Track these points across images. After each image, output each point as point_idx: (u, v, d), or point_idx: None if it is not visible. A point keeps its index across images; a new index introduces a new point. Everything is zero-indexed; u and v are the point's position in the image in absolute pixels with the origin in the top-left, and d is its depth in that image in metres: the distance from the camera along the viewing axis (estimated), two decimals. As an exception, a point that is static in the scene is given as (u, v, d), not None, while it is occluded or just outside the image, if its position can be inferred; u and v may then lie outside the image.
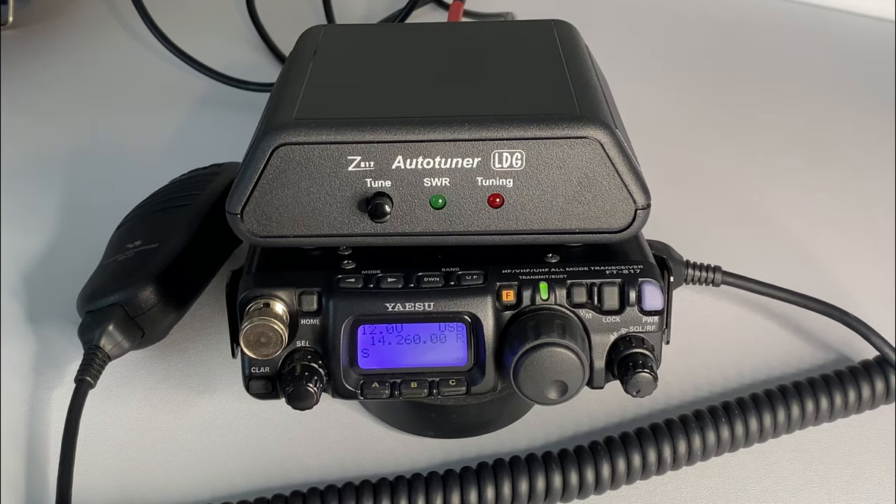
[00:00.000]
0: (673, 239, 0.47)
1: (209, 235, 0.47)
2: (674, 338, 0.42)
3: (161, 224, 0.47)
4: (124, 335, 0.43)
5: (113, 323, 0.43)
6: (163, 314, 0.44)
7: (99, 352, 0.43)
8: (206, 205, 0.48)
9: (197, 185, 0.50)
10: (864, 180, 0.60)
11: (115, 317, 0.43)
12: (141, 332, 0.44)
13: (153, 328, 0.44)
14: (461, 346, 0.38)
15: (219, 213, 0.47)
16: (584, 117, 0.37)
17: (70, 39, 0.76)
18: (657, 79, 0.71)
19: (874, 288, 0.52)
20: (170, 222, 0.47)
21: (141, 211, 0.49)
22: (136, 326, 0.43)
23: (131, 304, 0.43)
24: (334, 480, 0.41)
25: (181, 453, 0.44)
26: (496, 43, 0.45)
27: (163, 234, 0.45)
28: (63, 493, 0.39)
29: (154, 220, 0.48)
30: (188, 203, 0.48)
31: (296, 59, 0.44)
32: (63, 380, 0.46)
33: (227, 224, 0.48)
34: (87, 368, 0.42)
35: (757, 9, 0.81)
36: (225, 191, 0.48)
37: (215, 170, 0.51)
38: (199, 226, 0.47)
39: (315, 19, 0.77)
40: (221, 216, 0.47)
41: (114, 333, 0.43)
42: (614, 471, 0.41)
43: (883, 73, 0.72)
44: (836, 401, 0.43)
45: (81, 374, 0.42)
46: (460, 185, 0.37)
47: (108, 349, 0.43)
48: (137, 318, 0.43)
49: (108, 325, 0.43)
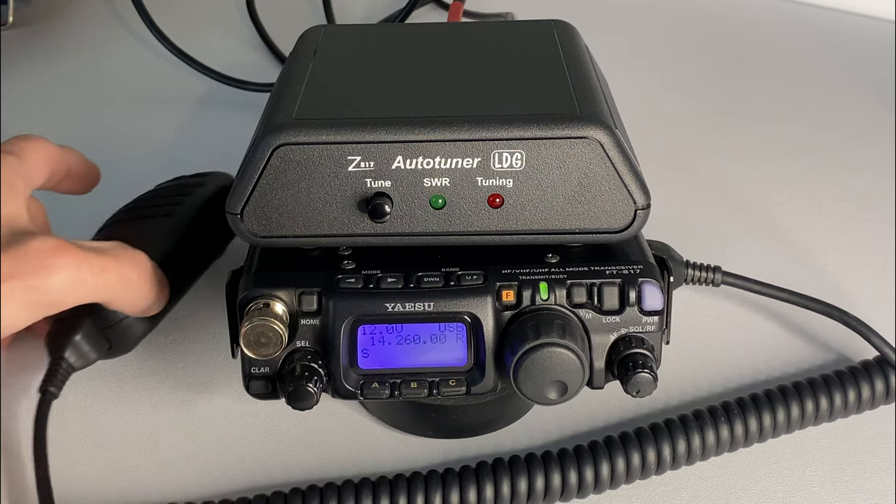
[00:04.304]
0: (673, 239, 0.47)
1: (187, 247, 0.46)
2: (674, 338, 0.42)
3: (139, 233, 0.45)
4: (91, 346, 0.42)
5: (80, 334, 0.42)
6: (132, 327, 0.43)
7: (63, 362, 0.41)
8: (187, 216, 0.46)
9: (180, 194, 0.48)
10: (864, 180, 0.60)
11: (82, 327, 0.42)
12: (108, 343, 0.43)
13: (121, 340, 0.43)
14: (461, 347, 0.38)
15: (200, 224, 0.47)
16: (584, 117, 0.37)
17: (70, 39, 0.76)
18: (657, 79, 0.71)
19: (874, 288, 0.52)
20: (148, 232, 0.45)
21: (120, 217, 0.47)
22: (104, 338, 0.42)
23: (100, 316, 0.42)
24: (334, 480, 0.41)
25: (181, 453, 0.44)
26: (496, 43, 0.45)
27: (139, 243, 0.43)
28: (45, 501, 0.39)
29: (132, 227, 0.46)
30: (169, 213, 0.46)
31: (296, 59, 0.44)
32: (29, 390, 0.45)
33: (207, 236, 0.47)
34: (51, 379, 0.41)
35: (757, 9, 0.81)
36: (207, 202, 0.48)
37: (200, 180, 0.50)
38: (178, 238, 0.45)
39: (315, 19, 0.77)
40: (202, 227, 0.47)
41: (80, 344, 0.42)
42: (614, 470, 0.41)
43: (883, 73, 0.72)
44: (836, 401, 0.43)
45: (45, 384, 0.41)
46: (460, 186, 0.37)
47: (72, 360, 0.41)
48: (106, 330, 0.42)
49: (74, 336, 0.41)
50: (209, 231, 0.48)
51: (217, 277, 0.48)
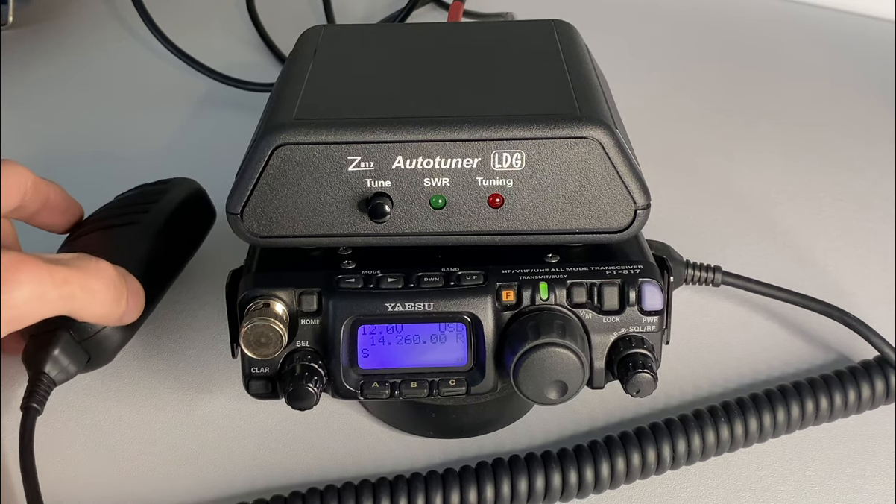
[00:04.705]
0: (673, 239, 0.47)
1: (158, 255, 0.46)
2: (674, 338, 0.42)
3: (108, 243, 0.45)
4: (70, 360, 0.41)
5: (58, 348, 0.41)
6: (110, 337, 0.43)
7: (44, 377, 0.41)
8: (155, 223, 0.46)
9: (144, 203, 0.48)
10: (864, 180, 0.60)
11: (60, 341, 0.41)
12: (87, 355, 0.42)
13: (99, 351, 0.43)
14: (461, 347, 0.38)
15: (167, 231, 0.47)
16: (584, 117, 0.37)
17: (70, 39, 0.76)
18: (657, 79, 0.71)
19: (874, 288, 0.52)
20: (116, 241, 0.45)
21: (86, 229, 0.47)
22: (83, 350, 0.42)
23: (76, 328, 0.41)
24: (334, 480, 0.41)
25: (181, 453, 0.44)
26: (496, 43, 0.45)
27: (108, 253, 0.42)
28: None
29: (100, 238, 0.45)
30: (135, 221, 0.46)
31: (296, 59, 0.44)
32: (9, 405, 0.45)
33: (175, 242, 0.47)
34: (33, 395, 0.41)
35: (757, 9, 0.81)
36: (174, 209, 0.48)
37: (162, 187, 0.50)
38: (148, 246, 0.45)
39: (315, 19, 0.77)
40: (171, 234, 0.47)
41: (59, 358, 0.41)
42: (614, 470, 0.41)
43: (883, 73, 0.72)
44: (836, 401, 0.43)
45: (27, 400, 0.40)
46: (460, 185, 0.37)
47: (53, 374, 0.41)
48: (83, 343, 0.42)
49: (52, 350, 0.41)
50: (179, 236, 0.48)
51: (217, 277, 0.48)
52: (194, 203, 0.50)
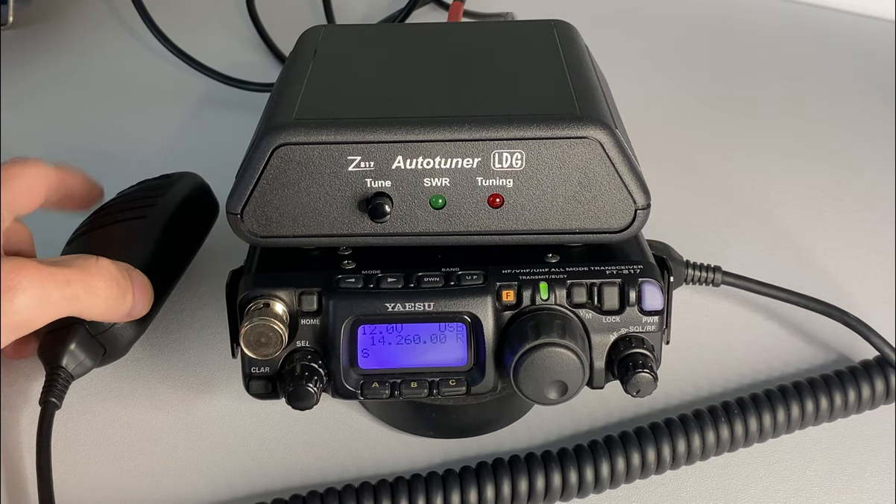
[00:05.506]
0: (673, 239, 0.47)
1: (166, 248, 0.46)
2: (674, 338, 0.42)
3: (115, 238, 0.45)
4: (86, 354, 0.42)
5: (75, 342, 0.42)
6: (124, 331, 0.43)
7: (62, 371, 0.41)
8: (162, 217, 0.47)
9: (149, 197, 0.48)
10: (864, 180, 0.60)
11: (76, 335, 0.42)
12: (103, 349, 0.43)
13: (114, 345, 0.43)
14: (461, 347, 0.38)
15: (175, 225, 0.47)
16: (584, 117, 0.37)
17: (70, 39, 0.76)
18: (657, 79, 0.71)
19: (874, 288, 0.52)
20: (124, 236, 0.45)
21: (93, 225, 0.47)
22: (98, 344, 0.42)
23: (91, 322, 0.42)
24: (334, 480, 0.41)
25: (181, 453, 0.44)
26: (496, 43, 0.45)
27: (117, 249, 0.43)
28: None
29: (107, 234, 0.46)
30: (142, 215, 0.46)
31: (296, 59, 0.44)
32: (28, 401, 0.45)
33: (183, 235, 0.47)
34: (51, 389, 0.41)
35: (757, 9, 0.81)
36: (180, 203, 0.48)
37: (165, 181, 0.50)
38: (157, 240, 0.46)
39: (315, 19, 0.77)
40: (178, 228, 0.47)
41: (76, 353, 0.42)
42: (614, 470, 0.41)
43: (883, 73, 0.72)
44: (836, 401, 0.43)
45: (46, 395, 0.41)
46: (460, 185, 0.37)
47: (70, 368, 0.42)
48: (98, 336, 0.42)
49: (69, 345, 0.42)
50: (186, 229, 0.48)
51: (217, 277, 0.48)
52: (198, 196, 0.50)
